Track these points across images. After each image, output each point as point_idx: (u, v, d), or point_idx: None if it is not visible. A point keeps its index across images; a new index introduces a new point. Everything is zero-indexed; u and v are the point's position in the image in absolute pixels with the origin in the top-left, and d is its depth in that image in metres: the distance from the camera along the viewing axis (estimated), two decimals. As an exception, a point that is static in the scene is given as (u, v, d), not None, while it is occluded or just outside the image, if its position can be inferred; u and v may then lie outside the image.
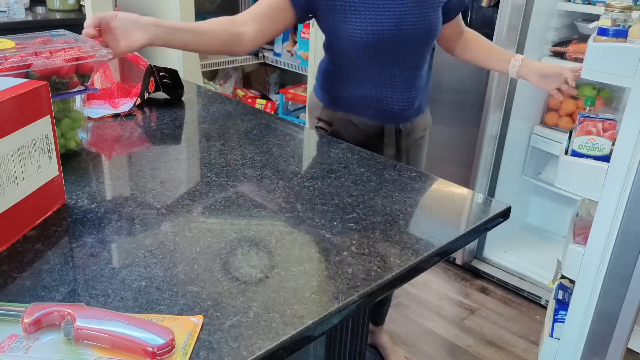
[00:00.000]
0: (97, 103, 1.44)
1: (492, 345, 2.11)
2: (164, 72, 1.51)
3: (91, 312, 0.66)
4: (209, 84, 3.48)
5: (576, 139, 1.50)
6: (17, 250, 0.82)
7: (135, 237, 0.88)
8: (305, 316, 0.71)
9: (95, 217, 0.92)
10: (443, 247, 0.90)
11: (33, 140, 0.86)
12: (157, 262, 0.81)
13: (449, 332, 2.16)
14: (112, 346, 0.63)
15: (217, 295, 0.75)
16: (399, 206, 1.02)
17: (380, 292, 0.80)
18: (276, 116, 1.49)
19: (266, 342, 0.67)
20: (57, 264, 0.79)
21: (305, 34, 3.24)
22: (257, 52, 3.48)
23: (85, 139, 1.22)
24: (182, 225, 0.92)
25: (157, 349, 0.62)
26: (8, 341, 0.64)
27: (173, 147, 1.26)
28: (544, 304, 2.32)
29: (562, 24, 2.22)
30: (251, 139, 1.30)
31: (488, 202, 1.07)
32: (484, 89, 2.18)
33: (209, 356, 0.64)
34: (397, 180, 1.12)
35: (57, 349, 0.63)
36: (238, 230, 0.91)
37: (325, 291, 0.77)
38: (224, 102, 1.56)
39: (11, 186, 0.82)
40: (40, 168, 0.89)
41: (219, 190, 1.04)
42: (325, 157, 1.24)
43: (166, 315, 0.70)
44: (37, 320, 0.65)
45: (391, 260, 0.85)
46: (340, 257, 0.85)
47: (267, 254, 0.85)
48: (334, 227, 0.93)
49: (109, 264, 0.80)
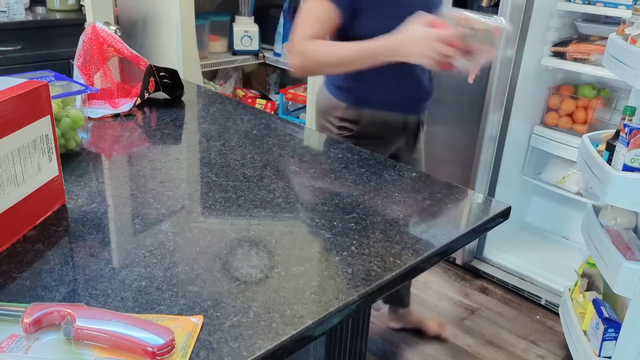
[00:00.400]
0: (97, 103, 1.44)
1: (492, 345, 2.11)
2: (164, 72, 1.51)
3: (91, 312, 0.66)
4: (209, 84, 3.48)
5: (629, 152, 1.47)
6: (17, 250, 0.82)
7: (135, 237, 0.88)
8: (305, 316, 0.71)
9: (95, 217, 0.92)
10: (443, 247, 0.90)
11: (33, 140, 0.86)
12: (157, 262, 0.81)
13: (449, 332, 2.16)
14: (112, 346, 0.63)
15: (217, 295, 0.75)
16: (399, 206, 1.02)
17: (380, 292, 0.80)
18: (276, 116, 1.49)
19: (266, 342, 0.67)
20: (57, 264, 0.79)
21: (305, 34, 3.23)
22: (257, 52, 3.48)
23: (85, 139, 1.22)
24: (182, 225, 0.92)
25: (157, 349, 0.62)
26: (8, 341, 0.64)
27: (173, 147, 1.26)
28: (544, 304, 2.32)
29: (562, 24, 2.22)
30: (251, 139, 1.30)
31: (488, 202, 1.07)
32: (484, 89, 2.18)
33: (209, 356, 0.64)
34: (397, 180, 1.12)
35: (57, 349, 0.63)
36: (238, 230, 0.91)
37: (325, 291, 0.77)
38: (224, 102, 1.56)
39: (11, 186, 0.82)
40: (40, 168, 0.89)
41: (219, 190, 1.04)
42: (325, 157, 1.24)
43: (166, 315, 0.70)
44: (37, 320, 0.65)
45: (391, 260, 0.85)
46: (340, 257, 0.85)
47: (267, 254, 0.85)
48: (334, 227, 0.93)
49: (109, 264, 0.80)
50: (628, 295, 1.54)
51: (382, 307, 2.27)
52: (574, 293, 1.92)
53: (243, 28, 3.37)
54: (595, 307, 1.70)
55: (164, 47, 2.91)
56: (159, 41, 2.88)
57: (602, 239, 1.63)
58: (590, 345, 1.69)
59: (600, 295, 1.81)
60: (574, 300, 1.88)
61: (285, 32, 3.43)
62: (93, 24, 1.45)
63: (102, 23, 1.48)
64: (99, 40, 1.44)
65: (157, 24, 2.83)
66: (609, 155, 1.59)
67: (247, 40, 3.40)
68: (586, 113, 2.19)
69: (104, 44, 1.45)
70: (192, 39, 2.84)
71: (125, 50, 1.48)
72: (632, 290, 1.50)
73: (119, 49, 1.47)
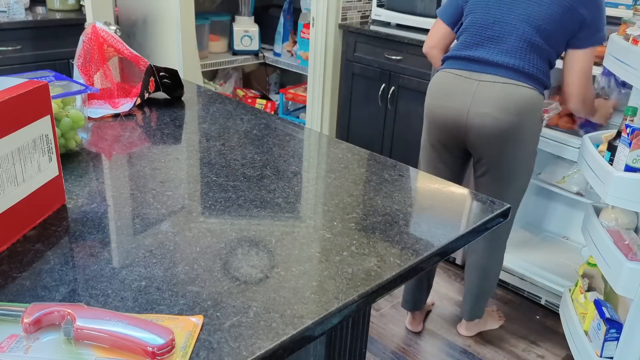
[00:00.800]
0: (97, 103, 1.44)
1: (492, 345, 2.11)
2: (164, 72, 1.51)
3: (91, 312, 0.66)
4: (209, 84, 3.48)
5: (630, 153, 1.47)
6: (17, 250, 0.82)
7: (135, 237, 0.88)
8: (305, 316, 0.71)
9: (95, 217, 0.92)
10: (443, 247, 0.90)
11: (33, 140, 0.86)
12: (157, 262, 0.81)
13: (449, 332, 2.16)
14: (112, 346, 0.63)
15: (217, 295, 0.75)
16: (399, 206, 1.02)
17: (380, 292, 0.80)
18: (276, 116, 1.49)
19: (266, 342, 0.67)
20: (57, 264, 0.79)
21: (305, 34, 3.24)
22: (257, 52, 3.48)
23: (85, 139, 1.22)
24: (182, 225, 0.92)
25: (157, 349, 0.62)
26: (8, 341, 0.64)
27: (173, 147, 1.26)
28: (544, 304, 2.32)
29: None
30: (251, 139, 1.30)
31: (488, 202, 1.07)
32: (484, 89, 2.18)
33: (209, 356, 0.64)
34: (397, 180, 1.12)
35: (57, 349, 0.63)
36: (238, 230, 0.91)
37: (325, 291, 0.77)
38: (224, 102, 1.56)
39: (11, 186, 0.82)
40: (40, 168, 0.89)
41: (219, 190, 1.04)
42: (325, 157, 1.24)
43: (166, 315, 0.70)
44: (37, 320, 0.65)
45: (391, 260, 0.85)
46: (340, 257, 0.85)
47: (267, 254, 0.85)
48: (334, 227, 0.93)
49: (109, 264, 0.80)
50: (630, 296, 1.54)
51: (382, 307, 2.27)
52: (574, 293, 1.92)
53: (243, 28, 3.37)
54: (596, 307, 1.70)
55: (164, 47, 2.91)
56: (159, 41, 2.88)
57: (603, 239, 1.63)
58: (592, 346, 1.69)
59: (601, 296, 1.81)
60: (575, 300, 1.88)
61: (286, 32, 3.44)
62: (93, 24, 1.45)
63: (102, 23, 1.48)
64: (99, 40, 1.44)
65: (157, 24, 2.83)
66: (611, 156, 1.59)
67: (247, 40, 3.40)
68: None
69: (104, 44, 1.45)
70: (192, 39, 2.85)
71: (125, 50, 1.48)
72: (634, 291, 1.50)
73: (119, 49, 1.47)
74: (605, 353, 1.62)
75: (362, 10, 3.11)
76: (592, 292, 1.80)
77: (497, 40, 1.73)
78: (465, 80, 1.75)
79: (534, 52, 1.70)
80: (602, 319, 1.64)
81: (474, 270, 2.04)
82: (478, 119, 1.72)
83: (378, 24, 3.01)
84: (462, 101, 1.74)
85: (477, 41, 1.76)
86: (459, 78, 1.77)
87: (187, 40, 2.82)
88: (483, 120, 1.71)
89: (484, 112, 1.71)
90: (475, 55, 1.75)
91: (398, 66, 2.79)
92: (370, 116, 3.01)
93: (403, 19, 2.89)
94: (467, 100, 1.73)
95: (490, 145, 1.75)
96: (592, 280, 1.90)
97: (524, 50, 1.70)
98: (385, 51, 2.83)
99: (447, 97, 1.78)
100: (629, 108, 1.57)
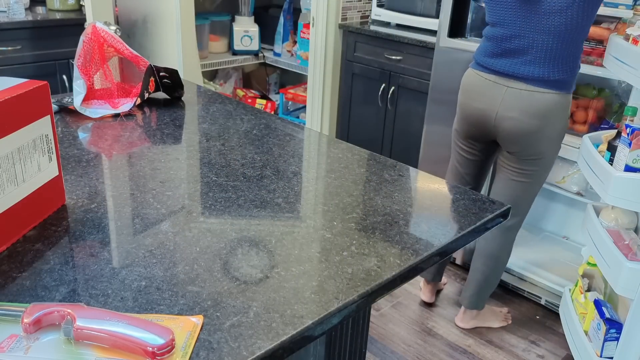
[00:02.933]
0: (97, 103, 1.44)
1: (492, 345, 2.11)
2: (164, 72, 1.51)
3: (91, 312, 0.66)
4: (209, 84, 3.48)
5: (631, 153, 1.47)
6: (17, 250, 0.82)
7: (135, 237, 0.88)
8: (305, 316, 0.71)
9: (95, 217, 0.92)
10: (443, 247, 0.90)
11: (33, 140, 0.86)
12: (157, 262, 0.81)
13: (449, 332, 2.16)
14: (112, 346, 0.63)
15: (217, 295, 0.75)
16: (399, 206, 1.02)
17: (380, 292, 0.80)
18: (276, 116, 1.49)
19: (266, 342, 0.67)
20: (57, 264, 0.79)
21: (305, 34, 3.24)
22: (257, 52, 3.48)
23: (85, 139, 1.22)
24: (182, 225, 0.92)
25: (157, 349, 0.62)
26: (8, 341, 0.64)
27: (173, 147, 1.26)
28: (544, 304, 2.32)
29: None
30: (251, 139, 1.30)
31: (488, 202, 1.07)
32: (484, 89, 2.18)
33: (209, 356, 0.64)
34: (397, 180, 1.12)
35: (57, 349, 0.63)
36: (238, 230, 0.91)
37: (325, 291, 0.77)
38: (224, 102, 1.56)
39: (11, 186, 0.82)
40: (40, 168, 0.89)
41: (219, 190, 1.04)
42: (325, 157, 1.24)
43: (166, 315, 0.70)
44: (37, 320, 0.65)
45: (391, 260, 0.85)
46: (340, 257, 0.85)
47: (267, 254, 0.85)
48: (334, 227, 0.93)
49: (109, 264, 0.80)
50: (630, 296, 1.54)
51: (382, 307, 2.27)
52: (574, 293, 1.92)
53: (243, 28, 3.37)
54: (596, 307, 1.70)
55: (164, 47, 2.91)
56: (159, 41, 2.88)
57: (603, 239, 1.63)
58: (591, 346, 1.69)
59: (601, 296, 1.81)
60: (575, 300, 1.88)
61: (285, 32, 3.44)
62: (93, 24, 1.45)
63: (102, 23, 1.48)
64: (99, 40, 1.44)
65: (157, 24, 2.83)
66: (610, 156, 1.59)
67: (247, 40, 3.40)
68: (586, 113, 2.19)
69: (104, 44, 1.45)
70: (192, 39, 2.85)
71: (125, 50, 1.48)
72: (634, 291, 1.50)
73: (119, 49, 1.47)
74: (605, 353, 1.62)
75: (362, 10, 3.11)
76: (592, 292, 1.80)
77: (520, 53, 1.75)
78: (495, 85, 1.82)
79: (558, 57, 1.72)
80: (602, 319, 1.64)
81: (482, 257, 2.08)
82: (505, 122, 1.82)
83: (378, 24, 3.02)
84: (491, 104, 1.84)
85: (500, 52, 1.80)
86: (489, 82, 1.84)
87: (187, 40, 2.82)
88: (510, 123, 1.81)
89: (511, 116, 1.80)
90: (500, 66, 1.80)
91: (398, 66, 2.79)
92: (370, 116, 3.01)
93: (403, 19, 2.89)
94: (496, 103, 1.82)
95: (517, 142, 1.84)
96: (592, 280, 1.91)
97: (547, 59, 1.72)
98: (385, 51, 2.83)
99: (477, 99, 1.87)
100: (629, 108, 1.57)
